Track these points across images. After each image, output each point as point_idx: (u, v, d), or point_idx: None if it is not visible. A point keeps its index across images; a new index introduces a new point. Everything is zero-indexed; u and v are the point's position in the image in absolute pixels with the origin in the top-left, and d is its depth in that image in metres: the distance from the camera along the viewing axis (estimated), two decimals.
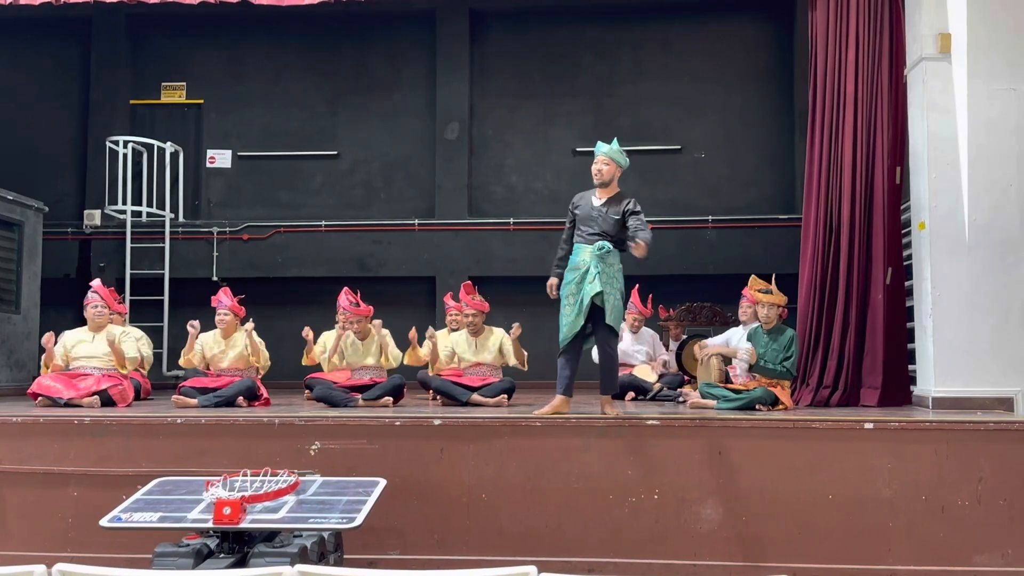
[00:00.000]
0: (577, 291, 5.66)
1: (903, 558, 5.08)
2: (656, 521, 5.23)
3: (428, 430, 5.47)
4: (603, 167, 5.77)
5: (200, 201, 11.39)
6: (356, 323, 7.15)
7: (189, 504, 4.38)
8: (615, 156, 5.79)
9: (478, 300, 7.30)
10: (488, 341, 7.30)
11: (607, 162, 5.77)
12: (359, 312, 7.15)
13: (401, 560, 5.19)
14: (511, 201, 11.06)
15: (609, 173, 5.77)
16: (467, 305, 7.28)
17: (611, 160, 5.78)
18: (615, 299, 5.68)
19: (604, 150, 5.80)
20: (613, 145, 5.83)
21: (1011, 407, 6.00)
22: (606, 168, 5.77)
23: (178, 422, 5.65)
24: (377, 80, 11.32)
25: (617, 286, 5.70)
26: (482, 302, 7.31)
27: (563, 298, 5.76)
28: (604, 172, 5.77)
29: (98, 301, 7.18)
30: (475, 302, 7.27)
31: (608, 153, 5.79)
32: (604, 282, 5.59)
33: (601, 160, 5.78)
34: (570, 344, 5.75)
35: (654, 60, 11.15)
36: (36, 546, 5.26)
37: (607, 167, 5.77)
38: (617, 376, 6.03)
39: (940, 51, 6.36)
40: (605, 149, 5.81)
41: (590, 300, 5.59)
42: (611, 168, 5.78)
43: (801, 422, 5.38)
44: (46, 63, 11.48)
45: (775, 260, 9.42)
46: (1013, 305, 6.13)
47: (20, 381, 8.88)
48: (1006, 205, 6.19)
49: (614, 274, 5.69)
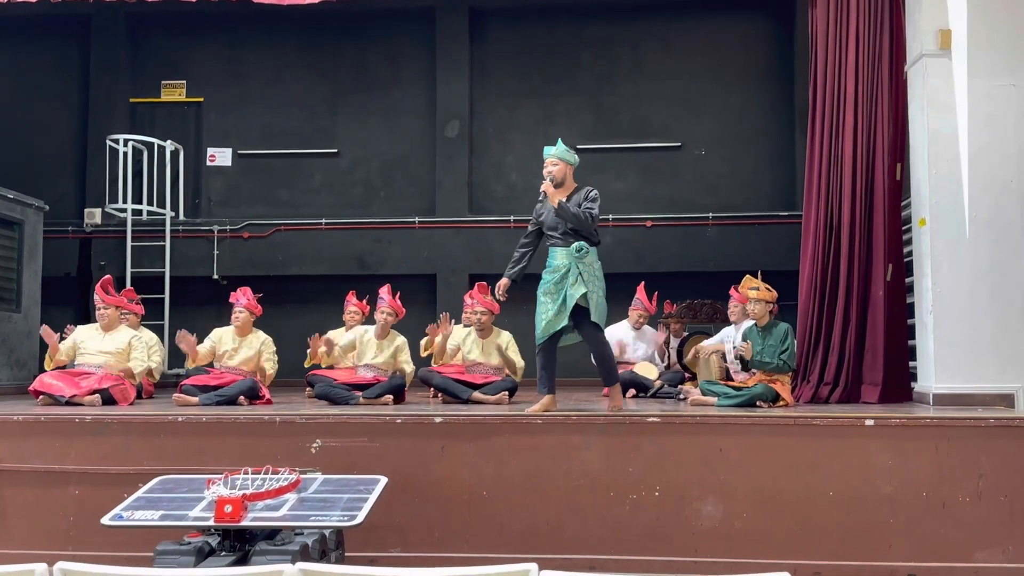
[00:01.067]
0: (556, 291, 5.82)
1: (904, 555, 5.08)
2: (657, 518, 5.23)
3: (429, 428, 5.48)
4: (552, 168, 5.96)
5: (200, 199, 11.39)
6: (388, 316, 7.17)
7: (190, 502, 4.38)
8: (563, 156, 5.99)
9: (488, 300, 7.32)
10: (493, 344, 7.33)
11: (555, 163, 5.97)
12: (395, 306, 7.20)
13: (402, 558, 5.20)
14: (511, 199, 11.06)
15: (560, 173, 5.96)
16: (477, 303, 7.30)
17: (560, 160, 5.97)
18: (598, 297, 5.85)
19: (551, 152, 6.02)
20: (559, 146, 6.04)
21: (1012, 403, 6.00)
22: (556, 169, 5.96)
23: (179, 420, 5.65)
24: (377, 78, 11.32)
25: (599, 284, 5.88)
26: (492, 302, 7.33)
27: (539, 296, 5.92)
28: (555, 172, 5.95)
29: (99, 304, 7.19)
30: (485, 300, 7.30)
31: (556, 155, 5.99)
32: (587, 282, 5.78)
33: (549, 163, 5.98)
34: (547, 342, 5.89)
35: (654, 58, 11.15)
36: (37, 545, 5.26)
37: (556, 167, 5.96)
38: (615, 366, 6.15)
39: (940, 47, 6.36)
40: (552, 151, 6.02)
41: (574, 303, 5.76)
42: (561, 167, 5.97)
43: (802, 419, 5.38)
44: (46, 62, 11.48)
45: (775, 257, 9.45)
46: (1014, 301, 6.13)
47: (21, 380, 8.89)
48: (1006, 201, 6.18)
49: (595, 273, 5.86)
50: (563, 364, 6.12)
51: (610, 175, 10.72)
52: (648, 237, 10.75)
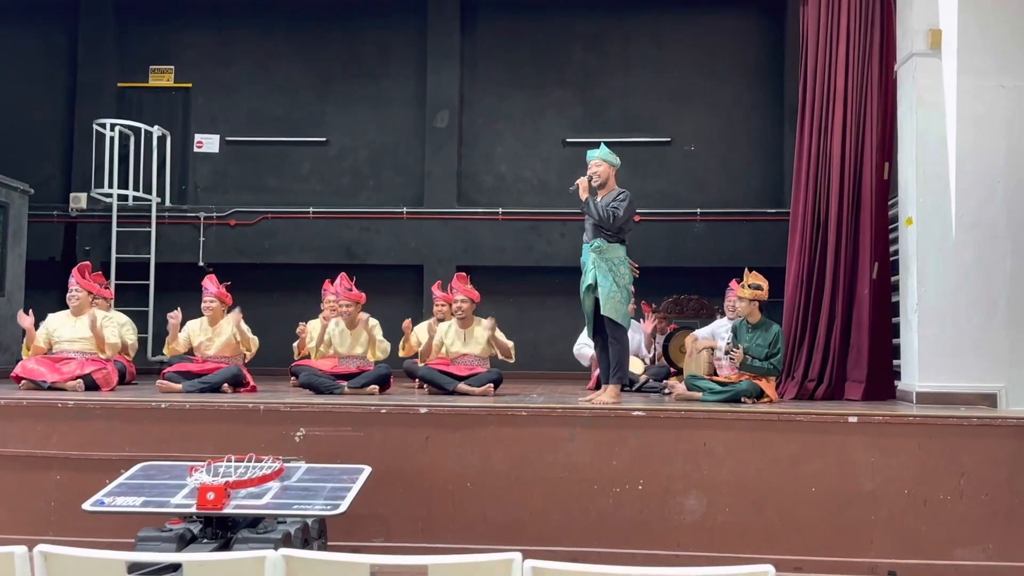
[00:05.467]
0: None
1: (885, 551, 5.11)
2: (640, 511, 5.25)
3: (414, 418, 5.47)
4: (596, 170, 6.15)
5: (187, 186, 11.32)
6: (347, 307, 7.12)
7: (172, 489, 4.36)
8: (606, 158, 6.20)
9: (469, 288, 7.29)
10: (476, 332, 7.28)
11: (599, 164, 6.17)
12: (352, 296, 7.12)
13: (385, 547, 5.19)
14: (500, 191, 11.05)
15: (604, 174, 6.15)
16: (458, 292, 7.26)
17: (603, 161, 6.17)
18: (608, 288, 5.92)
19: (595, 155, 6.21)
20: (603, 149, 6.25)
21: (994, 403, 6.03)
22: (600, 170, 6.15)
23: (162, 407, 5.62)
24: (366, 67, 11.27)
25: (616, 279, 5.97)
26: (473, 291, 7.30)
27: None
28: (600, 173, 6.15)
29: (73, 286, 7.13)
30: (466, 289, 7.26)
31: (600, 156, 6.19)
32: (599, 273, 5.96)
33: (593, 164, 6.18)
34: (594, 336, 6.23)
35: (644, 52, 11.15)
36: (17, 529, 5.22)
37: (600, 168, 6.15)
38: (625, 366, 6.15)
39: (930, 47, 6.37)
40: (596, 154, 6.21)
41: (584, 293, 6.06)
42: (605, 168, 6.16)
43: (785, 415, 5.40)
44: (33, 45, 11.37)
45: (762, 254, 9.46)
46: (998, 301, 6.16)
47: (3, 364, 8.83)
48: (993, 202, 6.21)
49: (611, 267, 5.98)
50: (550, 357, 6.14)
51: None
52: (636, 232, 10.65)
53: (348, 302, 7.12)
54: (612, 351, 6.05)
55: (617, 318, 5.95)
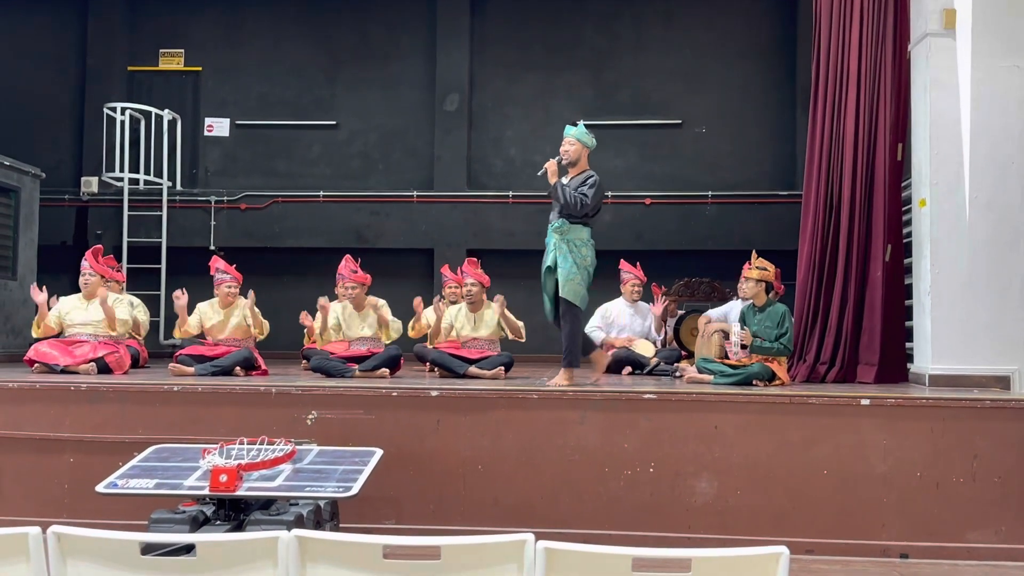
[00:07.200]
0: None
1: (897, 534, 5.10)
2: (651, 494, 5.25)
3: (425, 401, 5.47)
4: (568, 148, 6.03)
5: (197, 170, 11.34)
6: (353, 289, 7.13)
7: (185, 471, 4.38)
8: (580, 137, 6.07)
9: (479, 272, 7.29)
10: (486, 315, 7.28)
11: (572, 143, 6.04)
12: (357, 279, 7.12)
13: (396, 529, 5.21)
14: (510, 174, 11.02)
15: (575, 153, 6.03)
16: (468, 275, 7.26)
17: (576, 140, 6.05)
18: (568, 269, 5.83)
19: (570, 132, 6.09)
20: (579, 127, 6.11)
21: (1007, 385, 6.00)
22: (572, 148, 6.03)
23: (175, 390, 5.64)
24: (376, 49, 11.24)
25: (577, 261, 5.85)
26: (483, 275, 7.30)
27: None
28: (571, 152, 6.03)
29: (86, 269, 7.15)
30: (476, 273, 7.26)
31: (574, 135, 6.06)
32: (559, 255, 5.86)
33: (567, 142, 6.06)
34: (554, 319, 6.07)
35: (655, 33, 11.08)
36: (31, 511, 5.26)
37: (572, 147, 6.03)
38: (575, 349, 5.99)
39: (945, 27, 6.30)
40: (571, 131, 6.09)
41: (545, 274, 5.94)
42: (576, 148, 6.03)
43: (797, 398, 5.38)
44: (44, 29, 11.38)
45: (775, 236, 9.44)
46: (1012, 283, 6.12)
47: (16, 348, 8.87)
48: (1007, 183, 6.16)
49: (572, 248, 5.87)
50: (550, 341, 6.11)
51: (609, 152, 10.64)
52: (647, 215, 10.72)
53: (354, 284, 7.13)
54: (564, 333, 5.95)
55: (575, 300, 5.85)
